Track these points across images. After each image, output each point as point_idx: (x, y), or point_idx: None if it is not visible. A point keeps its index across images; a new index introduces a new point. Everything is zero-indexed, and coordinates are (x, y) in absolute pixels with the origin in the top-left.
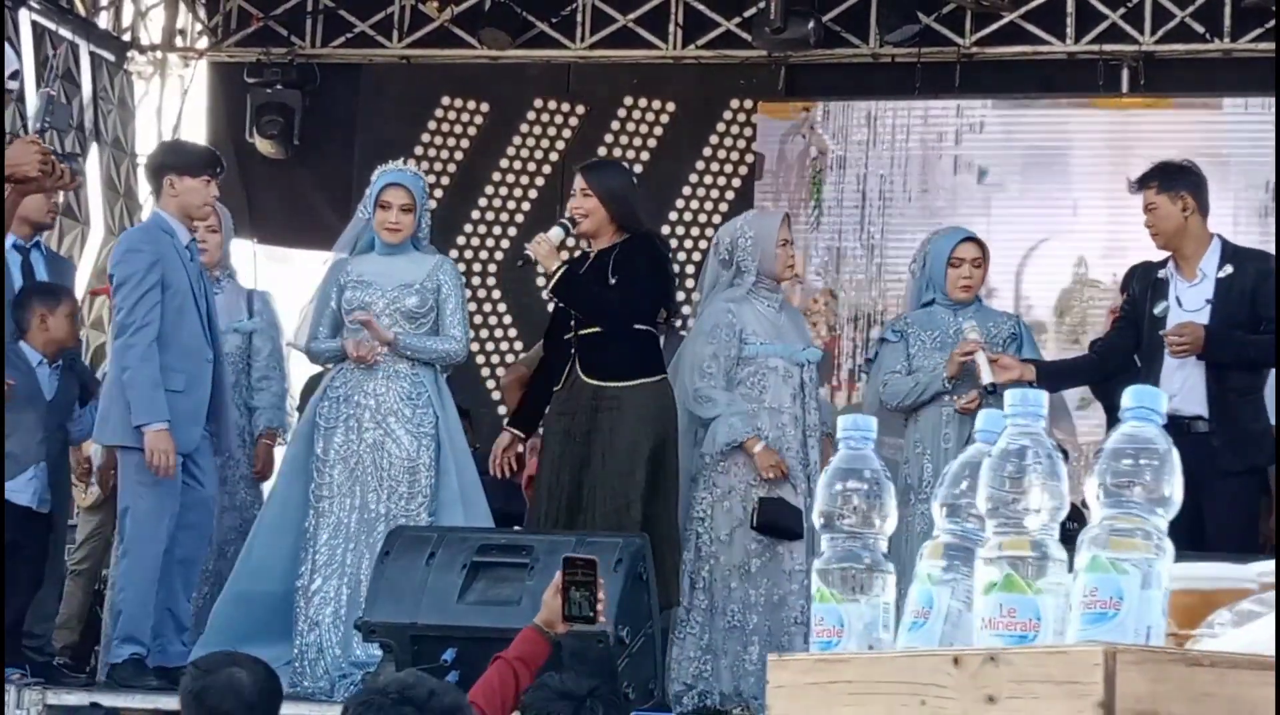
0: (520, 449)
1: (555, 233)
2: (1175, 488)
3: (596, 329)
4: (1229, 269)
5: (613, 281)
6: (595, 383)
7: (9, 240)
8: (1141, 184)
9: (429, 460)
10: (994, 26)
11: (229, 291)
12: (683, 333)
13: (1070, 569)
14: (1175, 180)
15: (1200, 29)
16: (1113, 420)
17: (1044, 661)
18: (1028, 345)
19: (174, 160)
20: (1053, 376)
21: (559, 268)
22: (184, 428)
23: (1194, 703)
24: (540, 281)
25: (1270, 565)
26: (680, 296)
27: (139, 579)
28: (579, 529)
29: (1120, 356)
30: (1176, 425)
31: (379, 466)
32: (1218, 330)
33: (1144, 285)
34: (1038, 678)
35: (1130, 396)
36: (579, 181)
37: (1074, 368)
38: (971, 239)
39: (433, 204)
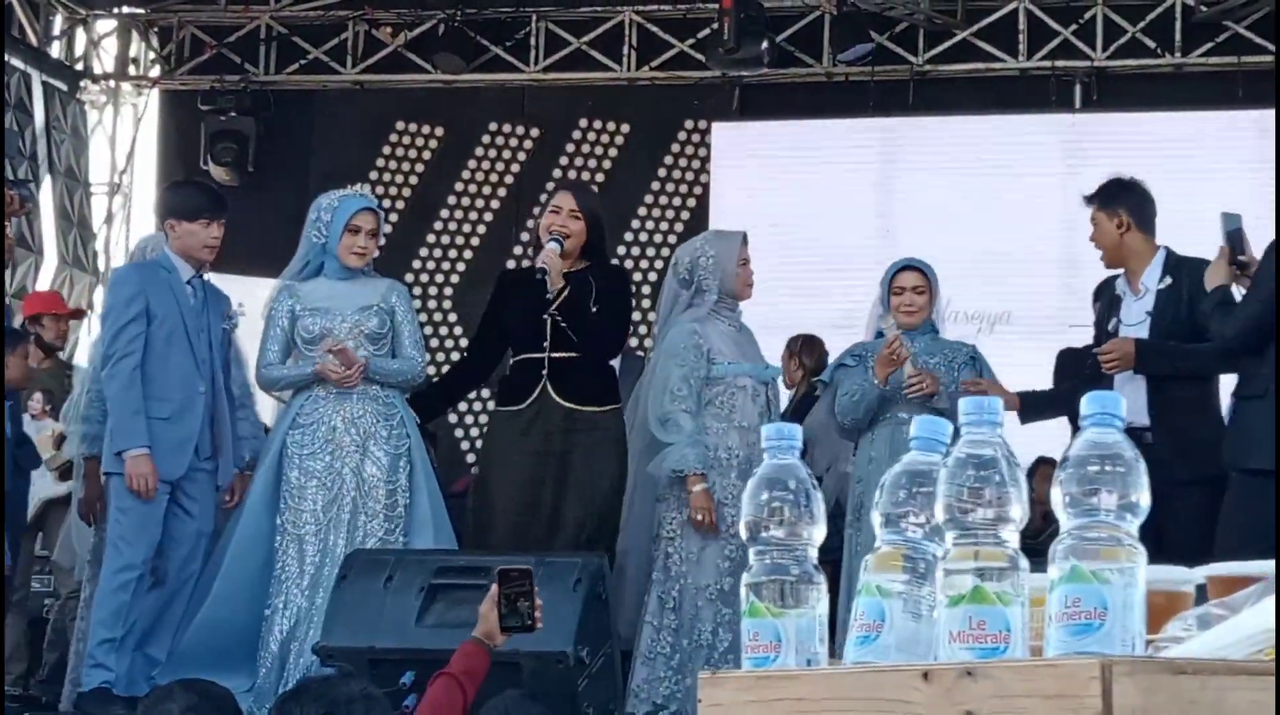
0: None
1: (554, 247)
2: (1143, 493)
3: (574, 354)
4: (1168, 281)
5: (594, 309)
6: (569, 405)
7: None
8: (1087, 201)
9: (405, 482)
10: (947, 44)
11: None
12: (639, 353)
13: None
14: (1113, 197)
15: (1152, 44)
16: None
17: (1032, 675)
18: (986, 373)
19: (172, 203)
20: (1035, 408)
21: (563, 287)
22: (170, 456)
23: (1182, 710)
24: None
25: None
26: (636, 316)
27: (111, 604)
28: (555, 547)
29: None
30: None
31: (361, 489)
32: (1149, 344)
33: (1104, 301)
34: (1023, 692)
35: (1089, 403)
36: (569, 201)
37: (1051, 398)
38: (912, 267)
39: (388, 228)
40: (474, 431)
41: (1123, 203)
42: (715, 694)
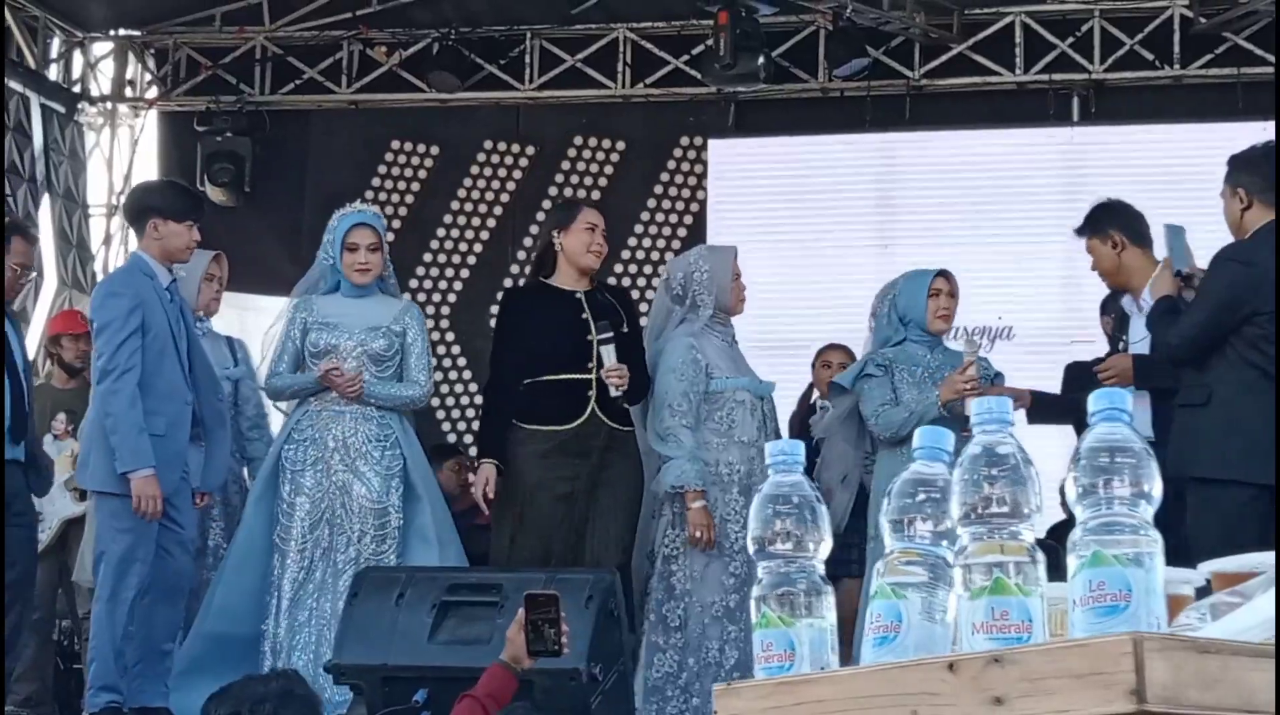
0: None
1: (612, 351)
2: (1155, 483)
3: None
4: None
5: (625, 330)
6: (612, 424)
7: None
8: (1079, 233)
9: (398, 502)
10: (943, 58)
11: (211, 338)
12: None
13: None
14: (1102, 221)
15: (1150, 56)
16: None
17: (1060, 657)
18: (1000, 383)
19: (159, 203)
20: (1044, 409)
21: (610, 332)
22: (165, 472)
23: (1206, 688)
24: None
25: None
26: None
27: (111, 625)
28: (585, 561)
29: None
30: None
31: (348, 510)
32: (1146, 359)
33: (1115, 319)
34: (1053, 674)
35: (1096, 400)
36: (601, 220)
37: (1060, 404)
38: (944, 273)
39: None
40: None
41: (1112, 224)
42: (732, 704)
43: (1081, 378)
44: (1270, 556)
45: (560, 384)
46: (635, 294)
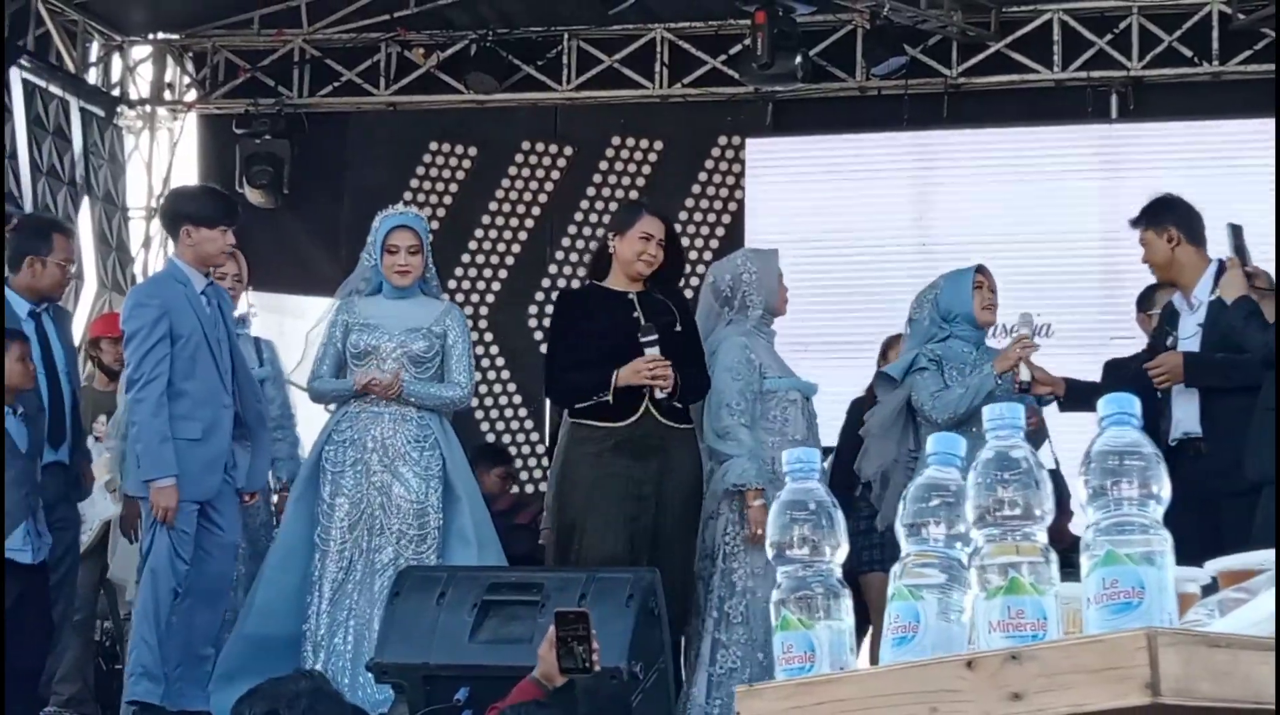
0: None
1: (655, 350)
2: (1164, 484)
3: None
4: (1218, 292)
5: (678, 329)
6: (668, 422)
7: (23, 308)
8: (1134, 224)
9: (437, 502)
10: (981, 57)
11: (242, 339)
12: None
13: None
14: (1160, 215)
15: (1189, 53)
16: None
17: (1075, 653)
18: None
19: (192, 209)
20: (1077, 398)
21: (655, 333)
22: (202, 477)
23: (1215, 681)
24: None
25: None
26: None
27: (150, 621)
28: (655, 560)
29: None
30: (1184, 447)
31: (387, 511)
32: (1196, 357)
33: (1164, 315)
34: (1069, 669)
35: (1106, 404)
36: (659, 229)
37: (1094, 392)
38: (982, 268)
39: None
40: (512, 451)
41: (1170, 219)
42: (754, 705)
43: (1121, 375)
44: (1272, 554)
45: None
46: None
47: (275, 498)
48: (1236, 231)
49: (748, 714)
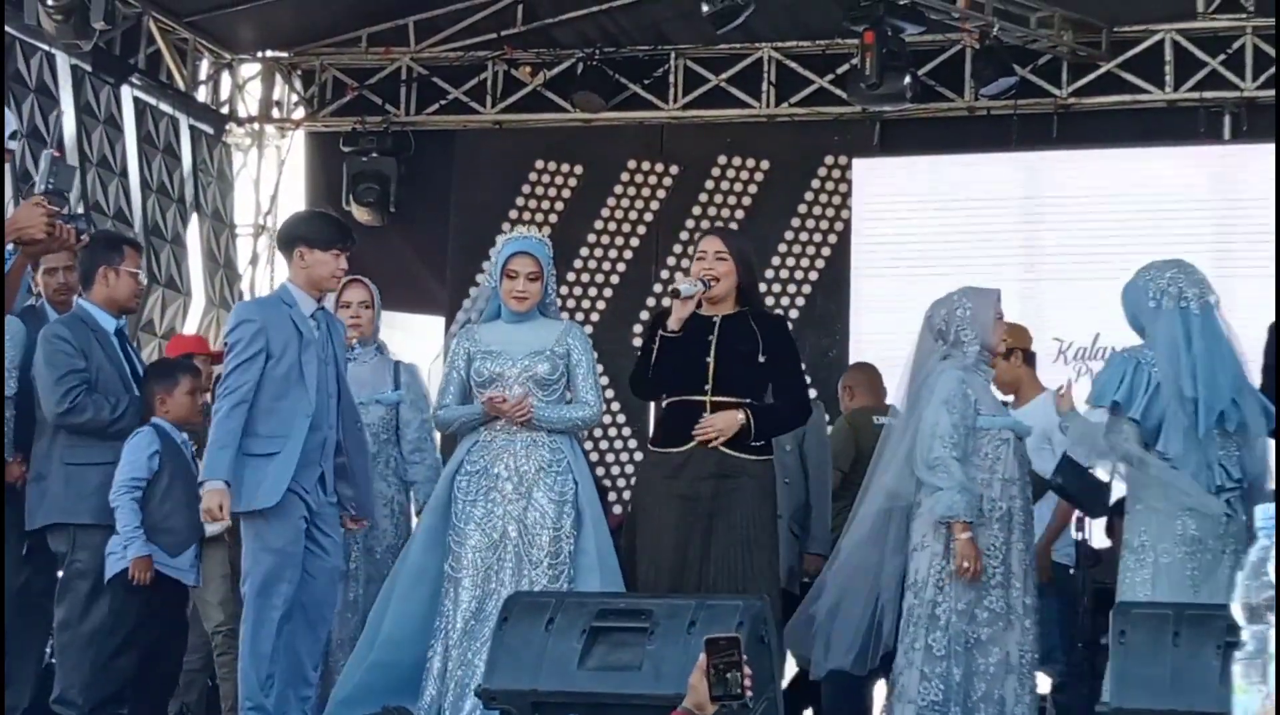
0: None
1: (691, 287)
2: None
3: (733, 399)
4: None
5: (762, 359)
6: (723, 450)
7: (110, 323)
8: None
9: (570, 528)
10: (1091, 77)
11: (375, 364)
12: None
13: None
14: None
15: None
16: None
17: None
18: None
19: (305, 232)
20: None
21: (688, 319)
22: (274, 489)
23: None
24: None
25: None
26: None
27: (257, 646)
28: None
29: None
30: None
31: (524, 538)
32: None
33: None
34: None
35: (1261, 514)
36: (715, 244)
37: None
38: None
39: None
40: (614, 470)
41: None
42: None
43: None
44: None
45: (676, 406)
46: (778, 313)
47: (414, 522)
48: None
49: None
